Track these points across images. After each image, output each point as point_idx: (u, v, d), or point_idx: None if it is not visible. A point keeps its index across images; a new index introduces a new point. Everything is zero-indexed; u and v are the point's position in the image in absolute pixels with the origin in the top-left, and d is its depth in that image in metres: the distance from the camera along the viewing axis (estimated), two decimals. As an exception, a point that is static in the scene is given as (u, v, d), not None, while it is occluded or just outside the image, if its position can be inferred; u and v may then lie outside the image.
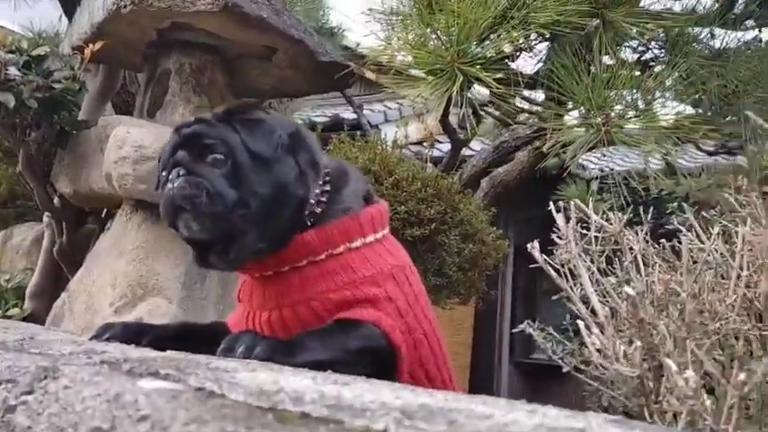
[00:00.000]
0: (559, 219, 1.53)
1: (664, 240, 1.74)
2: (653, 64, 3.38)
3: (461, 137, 4.56)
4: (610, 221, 1.60)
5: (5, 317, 3.37)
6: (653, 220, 1.81)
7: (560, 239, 1.52)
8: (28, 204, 4.47)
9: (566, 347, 1.50)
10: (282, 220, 1.29)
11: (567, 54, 2.76)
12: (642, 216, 1.77)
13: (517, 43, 2.86)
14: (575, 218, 1.59)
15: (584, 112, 2.78)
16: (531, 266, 1.60)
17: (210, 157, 1.29)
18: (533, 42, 3.10)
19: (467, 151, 5.09)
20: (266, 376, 0.80)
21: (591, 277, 1.45)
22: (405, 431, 0.54)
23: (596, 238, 1.60)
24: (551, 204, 1.70)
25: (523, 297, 8.12)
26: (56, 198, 3.46)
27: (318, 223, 1.32)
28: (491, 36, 2.72)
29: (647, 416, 1.05)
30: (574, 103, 2.88)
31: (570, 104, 3.02)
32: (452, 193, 3.75)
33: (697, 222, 1.67)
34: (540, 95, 3.43)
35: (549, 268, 1.47)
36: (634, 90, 2.94)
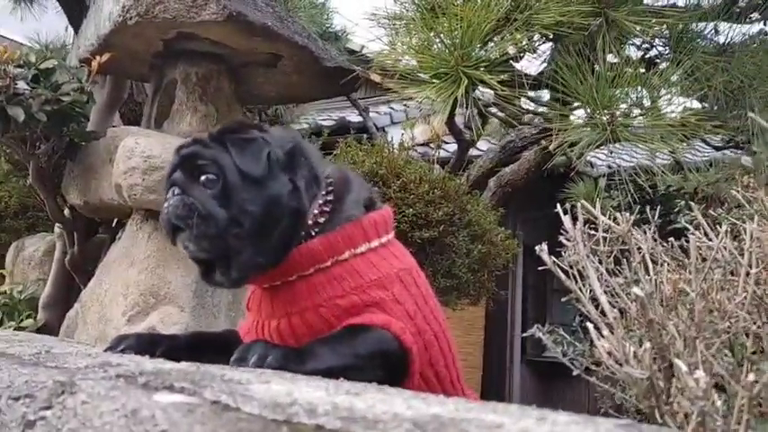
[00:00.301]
0: (566, 220, 1.53)
1: (672, 239, 1.74)
2: (657, 61, 3.38)
3: (468, 137, 4.57)
4: (617, 221, 1.61)
5: (19, 328, 3.40)
6: (661, 217, 1.81)
7: (568, 241, 1.52)
8: (39, 215, 4.51)
9: (576, 348, 1.51)
10: (277, 235, 1.31)
11: (570, 54, 2.77)
12: (649, 215, 1.77)
13: (521, 45, 2.87)
14: (582, 218, 1.60)
15: (590, 111, 2.78)
16: (540, 268, 1.60)
17: (203, 178, 1.32)
18: (537, 43, 3.11)
19: (474, 151, 5.10)
20: (280, 388, 0.81)
21: (599, 278, 1.45)
22: (417, 442, 0.55)
23: (604, 238, 1.60)
24: (558, 204, 1.71)
25: (534, 296, 8.12)
26: (66, 209, 3.49)
27: (323, 232, 1.34)
28: (494, 38, 2.72)
29: (658, 417, 1.05)
30: (579, 102, 2.89)
31: (575, 104, 3.02)
32: (460, 194, 3.76)
33: (705, 220, 1.67)
34: (545, 96, 3.43)
35: (558, 270, 1.48)
36: (639, 88, 2.94)
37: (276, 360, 1.13)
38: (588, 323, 1.25)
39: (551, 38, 3.08)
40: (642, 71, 3.13)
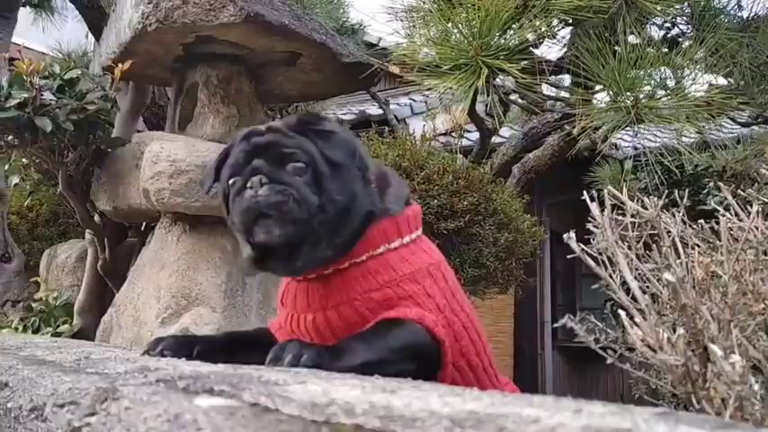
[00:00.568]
0: (594, 207, 1.52)
1: (702, 220, 1.72)
2: (680, 40, 3.33)
3: (489, 125, 4.55)
4: (645, 206, 1.59)
5: (56, 334, 3.47)
6: (689, 197, 1.79)
7: (596, 228, 1.52)
8: (69, 223, 4.59)
9: (608, 335, 1.50)
10: (351, 228, 1.34)
11: (590, 38, 2.74)
12: (677, 197, 1.75)
13: (540, 32, 2.85)
14: (609, 204, 1.59)
15: (613, 94, 2.75)
16: (568, 255, 1.60)
17: (291, 166, 1.32)
18: (556, 29, 3.08)
19: (496, 138, 5.08)
20: (316, 388, 0.82)
21: (629, 264, 1.44)
22: (455, 439, 0.55)
23: (632, 223, 1.59)
24: (585, 191, 1.70)
25: (563, 281, 8.07)
26: (96, 215, 3.54)
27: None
28: (513, 26, 2.70)
29: (694, 402, 1.05)
30: (601, 86, 2.86)
31: (597, 88, 2.99)
32: (484, 183, 3.75)
33: (735, 200, 1.65)
34: (566, 81, 3.40)
35: (587, 257, 1.47)
36: (662, 68, 2.90)
37: (311, 359, 1.14)
38: (620, 310, 1.24)
39: (570, 22, 3.05)
40: (665, 51, 3.08)
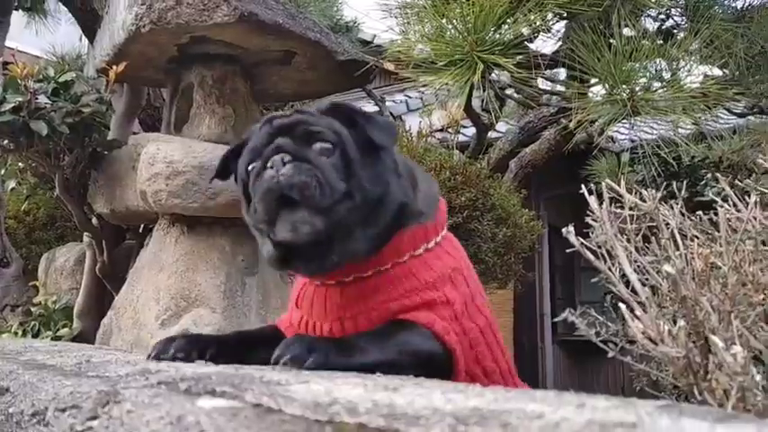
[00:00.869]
0: (592, 201, 1.52)
1: (700, 212, 1.72)
2: (675, 31, 3.33)
3: (485, 121, 4.55)
4: (643, 198, 1.59)
5: (56, 338, 3.46)
6: (687, 189, 1.79)
7: (595, 222, 1.52)
8: (67, 226, 4.58)
9: (609, 329, 1.50)
10: (384, 220, 1.23)
11: (585, 31, 2.74)
12: (675, 189, 1.75)
13: (534, 26, 2.85)
14: (608, 197, 1.59)
15: (609, 87, 2.75)
16: (567, 249, 1.60)
17: (318, 145, 1.20)
18: (551, 23, 3.08)
19: (493, 133, 5.08)
20: (319, 387, 0.82)
21: (629, 257, 1.44)
22: (459, 436, 0.55)
23: (631, 216, 1.59)
24: (582, 184, 1.70)
25: (562, 275, 8.08)
26: (94, 218, 3.54)
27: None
28: (508, 21, 2.70)
29: (696, 394, 1.05)
30: (597, 79, 2.86)
31: (593, 81, 2.99)
32: (482, 178, 3.75)
33: (732, 191, 1.65)
34: (562, 74, 3.40)
35: (587, 251, 1.47)
36: (658, 60, 2.90)
37: (315, 362, 1.08)
38: (620, 303, 1.24)
39: (565, 16, 3.05)
40: (660, 43, 3.09)
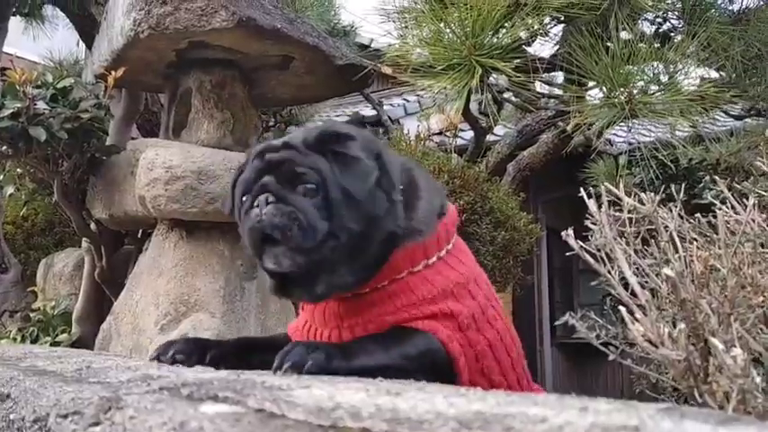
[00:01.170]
0: (591, 204, 1.53)
1: (698, 214, 1.73)
2: (672, 35, 3.34)
3: (483, 124, 4.56)
4: (642, 201, 1.60)
5: (55, 343, 3.46)
6: (685, 191, 1.79)
7: (594, 225, 1.52)
8: (65, 231, 4.58)
9: (609, 331, 1.50)
10: (372, 253, 1.26)
11: (583, 35, 2.74)
12: (674, 191, 1.76)
13: (532, 29, 2.85)
14: (606, 200, 1.59)
15: (607, 90, 2.76)
16: (567, 250, 1.60)
17: (302, 187, 1.24)
18: (548, 27, 3.09)
19: (491, 137, 5.09)
20: (321, 392, 0.82)
21: (628, 260, 1.45)
22: (463, 440, 0.56)
23: (630, 219, 1.60)
24: (580, 186, 1.70)
25: (560, 278, 8.08)
26: (92, 224, 3.54)
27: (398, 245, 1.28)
28: (506, 25, 2.71)
29: (697, 397, 1.05)
30: (595, 82, 2.87)
31: (590, 84, 3.00)
32: (480, 181, 3.76)
33: (731, 193, 1.65)
34: (559, 78, 3.41)
35: (586, 254, 1.48)
36: (655, 63, 2.91)
37: (316, 365, 1.10)
38: (620, 306, 1.25)
39: (562, 20, 3.06)
40: (657, 46, 3.09)
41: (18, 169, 3.54)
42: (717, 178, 1.80)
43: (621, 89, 2.65)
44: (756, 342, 1.10)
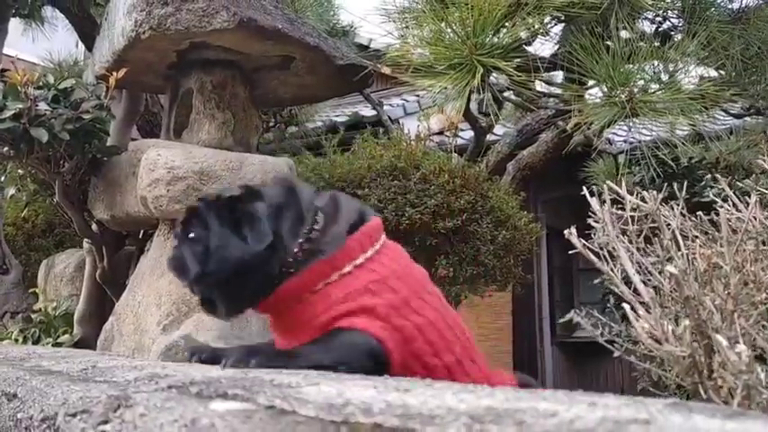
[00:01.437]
0: (594, 203, 1.54)
1: (700, 212, 1.74)
2: (672, 33, 3.35)
3: (483, 124, 4.57)
4: (644, 199, 1.61)
5: (57, 344, 3.46)
6: (685, 190, 1.80)
7: (596, 223, 1.53)
8: (66, 232, 4.58)
9: (612, 329, 1.51)
10: (250, 285, 1.48)
11: (583, 34, 2.75)
12: (675, 189, 1.76)
13: (533, 29, 2.86)
14: (609, 199, 1.60)
15: (607, 90, 2.77)
16: (567, 249, 1.61)
17: (191, 236, 1.53)
18: (549, 26, 3.09)
19: (491, 136, 5.10)
20: (330, 389, 0.83)
21: (631, 258, 1.45)
22: (475, 435, 0.56)
23: (632, 217, 1.60)
24: (582, 184, 1.71)
25: (560, 276, 8.09)
26: (93, 224, 3.54)
27: (299, 269, 1.45)
28: (506, 24, 2.72)
29: (702, 393, 1.06)
30: (595, 81, 2.87)
31: (591, 83, 3.01)
32: (480, 181, 3.77)
33: (732, 191, 1.66)
34: (559, 77, 3.42)
35: (589, 252, 1.49)
36: (655, 62, 2.92)
37: (258, 364, 1.28)
38: (624, 304, 1.25)
39: (563, 19, 3.06)
40: (657, 45, 3.10)
41: (19, 170, 3.54)
42: (718, 176, 1.81)
43: (622, 88, 2.66)
44: (760, 338, 1.11)
